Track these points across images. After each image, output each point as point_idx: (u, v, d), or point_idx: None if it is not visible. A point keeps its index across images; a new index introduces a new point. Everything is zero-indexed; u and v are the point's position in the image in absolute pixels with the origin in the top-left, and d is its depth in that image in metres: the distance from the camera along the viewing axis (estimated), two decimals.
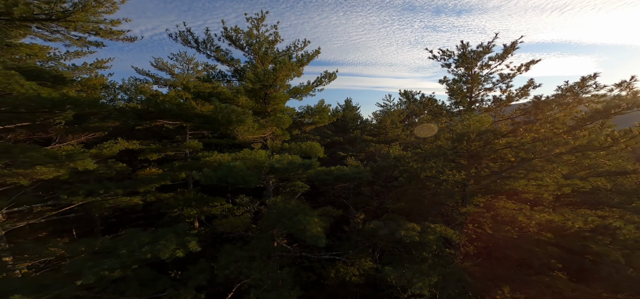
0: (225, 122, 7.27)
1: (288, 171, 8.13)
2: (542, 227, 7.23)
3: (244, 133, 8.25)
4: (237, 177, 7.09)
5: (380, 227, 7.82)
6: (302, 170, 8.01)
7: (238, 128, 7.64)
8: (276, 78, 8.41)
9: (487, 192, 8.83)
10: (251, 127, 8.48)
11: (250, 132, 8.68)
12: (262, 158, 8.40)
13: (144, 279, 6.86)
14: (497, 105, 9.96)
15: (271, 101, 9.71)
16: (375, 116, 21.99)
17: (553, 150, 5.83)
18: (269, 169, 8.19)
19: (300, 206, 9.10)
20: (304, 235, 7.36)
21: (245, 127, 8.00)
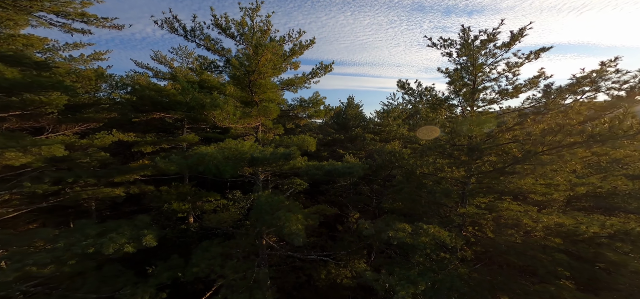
0: (196, 105, 6.60)
1: (269, 162, 7.37)
2: (550, 232, 6.19)
3: (223, 120, 7.56)
4: (209, 166, 6.40)
5: (366, 227, 6.95)
6: (283, 160, 7.24)
7: (214, 113, 6.96)
8: (259, 62, 7.68)
9: (490, 192, 7.80)
10: (232, 114, 7.78)
11: (232, 119, 7.99)
12: (244, 149, 7.69)
13: (107, 276, 6.25)
14: (503, 96, 8.90)
15: (257, 89, 9.00)
16: (378, 114, 21.01)
17: (565, 139, 4.82)
18: (250, 160, 7.46)
19: (284, 201, 8.33)
20: (281, 232, 6.59)
21: (224, 114, 7.31)
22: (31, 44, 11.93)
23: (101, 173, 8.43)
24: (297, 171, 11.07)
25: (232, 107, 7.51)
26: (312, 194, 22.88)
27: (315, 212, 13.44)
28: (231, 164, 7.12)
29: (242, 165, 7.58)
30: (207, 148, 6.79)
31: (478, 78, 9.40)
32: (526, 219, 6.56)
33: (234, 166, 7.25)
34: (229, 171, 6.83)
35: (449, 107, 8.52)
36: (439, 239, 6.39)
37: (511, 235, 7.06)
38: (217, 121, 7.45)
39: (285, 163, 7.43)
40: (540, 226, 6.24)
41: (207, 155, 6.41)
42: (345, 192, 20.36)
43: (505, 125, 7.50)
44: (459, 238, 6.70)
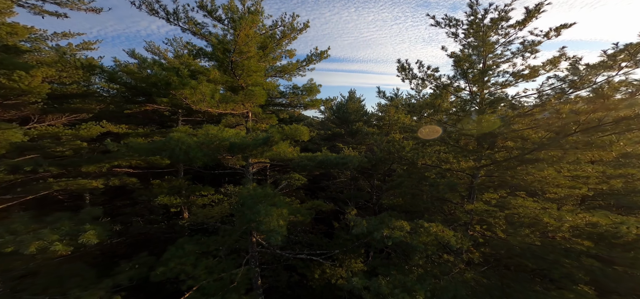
0: (163, 85, 5.62)
1: (250, 148, 6.35)
2: (579, 232, 5.00)
3: (198, 103, 6.57)
4: (176, 152, 5.42)
5: (357, 223, 5.86)
6: (264, 145, 6.20)
7: (184, 93, 5.96)
8: (238, 37, 6.64)
9: (502, 186, 6.59)
10: (209, 97, 6.76)
11: (210, 103, 6.98)
12: (223, 135, 6.69)
13: (63, 275, 5.35)
14: (517, 78, 7.65)
15: (240, 72, 7.96)
16: (380, 108, 19.80)
17: (609, 115, 3.65)
18: (229, 146, 6.44)
19: (270, 195, 7.30)
20: (258, 229, 5.57)
21: (198, 95, 6.32)
22: (15, 32, 11.21)
23: (67, 162, 7.57)
24: (289, 163, 10.03)
25: (207, 88, 6.50)
26: (313, 190, 21.86)
27: (310, 208, 12.40)
28: (205, 151, 6.11)
29: (220, 153, 6.57)
30: (177, 133, 5.82)
31: (488, 60, 8.19)
32: (547, 217, 5.36)
33: (209, 154, 6.25)
34: (202, 159, 5.84)
35: (456, 89, 7.30)
36: (442, 239, 5.25)
37: (527, 236, 5.85)
38: (191, 104, 6.46)
39: (267, 149, 6.40)
40: (566, 226, 5.04)
41: (173, 139, 5.44)
42: (345, 188, 19.28)
43: (521, 108, 6.29)
44: (466, 238, 5.54)
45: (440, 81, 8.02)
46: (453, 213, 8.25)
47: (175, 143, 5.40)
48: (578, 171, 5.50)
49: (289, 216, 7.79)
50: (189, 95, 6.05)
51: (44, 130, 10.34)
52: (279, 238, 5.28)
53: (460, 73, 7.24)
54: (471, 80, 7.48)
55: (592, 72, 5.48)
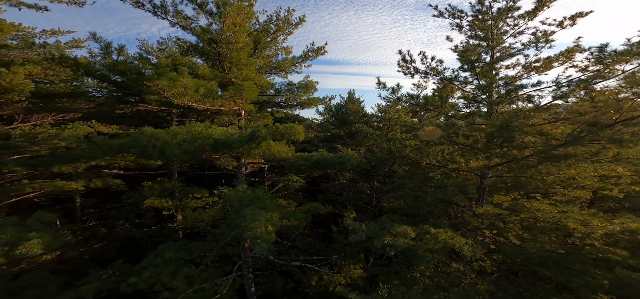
0: (134, 74, 4.90)
1: (236, 145, 5.59)
2: (614, 240, 4.22)
3: (179, 97, 5.84)
4: (149, 149, 4.67)
5: (355, 230, 5.07)
6: (251, 142, 5.44)
7: (162, 85, 5.23)
8: (224, 25, 5.93)
9: (515, 187, 5.79)
10: (192, 90, 6.02)
11: (194, 97, 6.23)
12: (207, 132, 5.95)
13: (22, 286, 4.58)
14: (529, 71, 6.90)
15: (229, 64, 7.24)
16: (380, 108, 19.05)
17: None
18: (213, 144, 5.69)
19: (258, 197, 6.52)
20: (243, 236, 4.81)
21: (178, 88, 5.58)
22: (1, 29, 10.57)
23: (37, 162, 6.81)
24: (283, 163, 9.26)
25: (190, 81, 5.76)
26: (311, 192, 21.07)
27: (307, 211, 11.59)
28: (185, 149, 5.36)
29: (203, 151, 5.81)
30: (150, 128, 5.08)
31: (497, 52, 7.45)
32: (571, 222, 4.56)
33: (190, 152, 5.49)
34: (180, 158, 5.09)
35: (463, 82, 6.54)
36: (452, 247, 4.46)
37: (547, 243, 5.05)
38: (171, 97, 5.72)
39: (255, 146, 5.65)
40: (598, 233, 4.26)
41: (145, 135, 4.70)
42: (344, 190, 18.49)
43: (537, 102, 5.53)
44: (477, 245, 4.74)
45: (444, 75, 7.27)
46: (459, 217, 7.44)
47: (147, 139, 4.65)
48: (605, 170, 4.73)
49: (280, 220, 7.01)
50: (167, 86, 5.31)
51: (28, 130, 9.64)
52: (265, 247, 4.51)
53: (467, 65, 6.48)
54: (479, 73, 6.72)
55: (620, 59, 4.73)
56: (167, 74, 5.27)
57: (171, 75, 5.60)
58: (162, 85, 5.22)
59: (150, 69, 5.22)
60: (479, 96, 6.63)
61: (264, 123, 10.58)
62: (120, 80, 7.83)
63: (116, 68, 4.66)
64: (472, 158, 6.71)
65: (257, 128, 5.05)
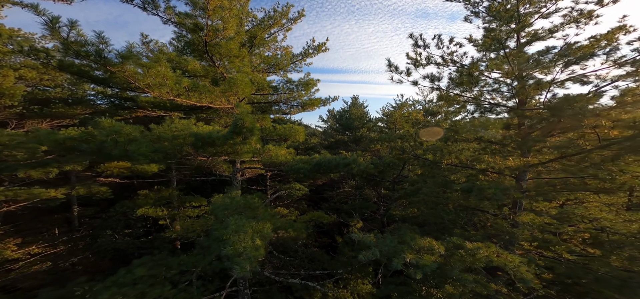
0: (93, 58, 3.90)
1: (217, 141, 4.46)
2: None
3: (155, 88, 4.80)
4: (107, 146, 3.59)
5: (365, 243, 3.80)
6: (233, 136, 4.30)
7: (130, 73, 4.19)
8: (208, 6, 4.93)
9: (565, 188, 4.45)
10: (171, 81, 4.97)
11: (174, 89, 5.18)
12: (188, 128, 4.87)
13: None
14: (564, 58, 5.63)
15: (218, 55, 6.22)
16: (384, 113, 17.88)
17: None
18: (193, 141, 4.58)
19: (249, 204, 5.34)
20: (220, 251, 3.62)
21: (155, 78, 4.54)
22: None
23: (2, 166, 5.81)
24: (281, 167, 8.08)
25: (169, 70, 4.72)
26: (315, 201, 19.76)
27: (309, 220, 10.30)
28: (157, 147, 4.25)
29: (181, 150, 4.70)
30: (109, 121, 4.01)
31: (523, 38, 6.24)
32: None
33: (164, 151, 4.38)
34: (150, 157, 3.99)
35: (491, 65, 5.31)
36: (500, 267, 3.16)
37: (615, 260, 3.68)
38: (145, 88, 4.68)
39: (240, 141, 4.50)
40: None
41: (103, 129, 3.64)
42: (350, 198, 17.17)
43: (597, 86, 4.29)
44: (532, 264, 3.40)
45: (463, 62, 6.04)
46: (488, 225, 6.06)
47: (105, 134, 3.58)
48: None
49: (275, 231, 5.78)
50: (138, 76, 4.27)
51: None
52: (247, 267, 3.30)
53: (495, 45, 5.26)
54: (508, 54, 5.48)
55: None
56: (134, 59, 4.24)
57: (144, 63, 4.56)
58: (130, 72, 4.18)
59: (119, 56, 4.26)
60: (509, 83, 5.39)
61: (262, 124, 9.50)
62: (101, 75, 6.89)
63: (68, 49, 3.65)
64: (501, 160, 5.41)
65: (239, 116, 3.92)
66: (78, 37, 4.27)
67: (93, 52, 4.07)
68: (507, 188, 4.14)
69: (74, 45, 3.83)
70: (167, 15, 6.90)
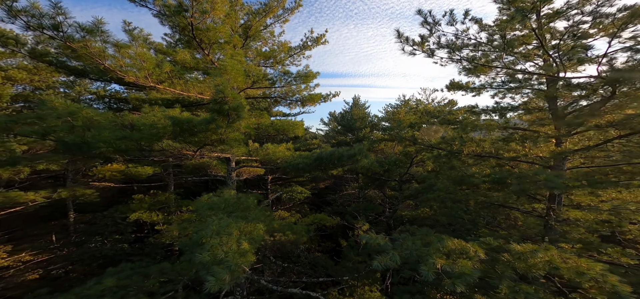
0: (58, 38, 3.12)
1: (198, 127, 3.64)
2: None
3: (131, 72, 4.03)
4: (64, 135, 2.78)
5: (381, 247, 2.90)
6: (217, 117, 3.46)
7: (97, 52, 3.42)
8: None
9: (622, 176, 3.51)
10: (151, 64, 4.20)
11: (156, 74, 4.40)
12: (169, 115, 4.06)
13: None
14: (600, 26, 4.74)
15: (205, 39, 5.45)
16: (387, 113, 17.05)
17: None
18: (171, 127, 3.74)
19: (240, 203, 4.48)
20: (193, 257, 2.76)
21: (123, 59, 3.77)
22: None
23: None
24: (279, 164, 7.22)
25: (147, 53, 3.95)
26: (318, 205, 18.80)
27: (311, 223, 9.36)
28: (126, 134, 3.43)
29: (158, 139, 3.87)
30: (61, 100, 3.21)
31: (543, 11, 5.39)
32: None
33: (135, 139, 3.55)
34: (114, 145, 3.18)
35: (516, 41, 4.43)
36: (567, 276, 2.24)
37: None
38: (118, 71, 3.90)
39: (227, 125, 3.65)
40: None
41: (54, 109, 2.84)
42: (353, 201, 16.22)
43: None
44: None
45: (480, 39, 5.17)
46: (514, 223, 5.11)
47: (55, 116, 2.77)
48: None
49: (268, 235, 4.89)
50: (108, 57, 3.49)
51: None
52: (227, 278, 2.42)
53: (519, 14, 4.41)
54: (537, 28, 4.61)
55: None
56: (102, 35, 3.45)
57: (116, 41, 3.77)
58: (97, 50, 3.39)
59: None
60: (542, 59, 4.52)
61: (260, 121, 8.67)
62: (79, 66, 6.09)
63: (16, 18, 2.89)
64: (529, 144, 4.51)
65: (218, 88, 3.08)
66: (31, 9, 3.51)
67: (49, 26, 3.30)
68: (560, 175, 3.23)
69: (22, 13, 3.06)
70: (155, 8, 6.14)
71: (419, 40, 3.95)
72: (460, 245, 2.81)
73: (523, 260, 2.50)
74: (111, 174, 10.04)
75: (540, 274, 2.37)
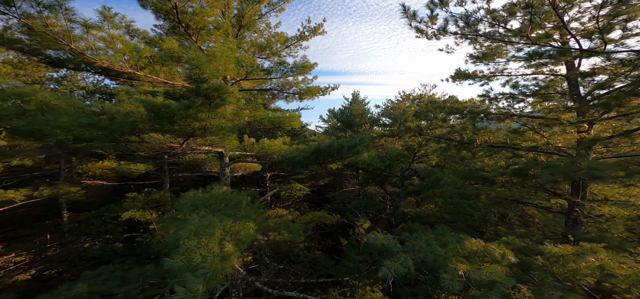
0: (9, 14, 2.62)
1: (178, 113, 3.14)
2: None
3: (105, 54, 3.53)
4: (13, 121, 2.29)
5: (389, 248, 2.42)
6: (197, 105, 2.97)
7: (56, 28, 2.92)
8: None
9: None
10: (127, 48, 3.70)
11: (132, 58, 3.90)
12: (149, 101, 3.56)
13: None
14: None
15: (195, 27, 4.95)
16: (387, 108, 16.56)
17: None
18: (147, 112, 3.25)
19: (229, 199, 3.99)
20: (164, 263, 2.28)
21: (93, 40, 3.26)
22: None
23: None
24: (274, 158, 6.73)
25: (122, 36, 3.46)
26: (317, 202, 18.32)
27: (310, 220, 8.89)
28: (96, 121, 2.94)
29: (136, 128, 3.38)
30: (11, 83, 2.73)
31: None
32: None
33: (109, 129, 3.06)
34: (73, 132, 2.69)
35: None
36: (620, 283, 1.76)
37: None
38: (91, 55, 3.41)
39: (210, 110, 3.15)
40: None
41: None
42: (353, 198, 15.76)
43: None
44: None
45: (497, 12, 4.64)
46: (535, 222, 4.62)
47: (3, 96, 2.27)
48: None
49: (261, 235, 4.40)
50: (75, 38, 2.98)
51: None
52: (200, 289, 1.94)
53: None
54: None
55: None
56: (66, 13, 2.93)
57: (84, 21, 3.26)
58: (58, 29, 2.88)
59: None
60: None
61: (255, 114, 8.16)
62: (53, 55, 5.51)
63: None
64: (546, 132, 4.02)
65: (193, 62, 2.56)
66: None
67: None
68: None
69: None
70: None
71: (428, 13, 3.42)
72: (481, 246, 2.32)
73: (561, 264, 2.01)
74: (102, 171, 9.52)
75: (587, 282, 1.89)
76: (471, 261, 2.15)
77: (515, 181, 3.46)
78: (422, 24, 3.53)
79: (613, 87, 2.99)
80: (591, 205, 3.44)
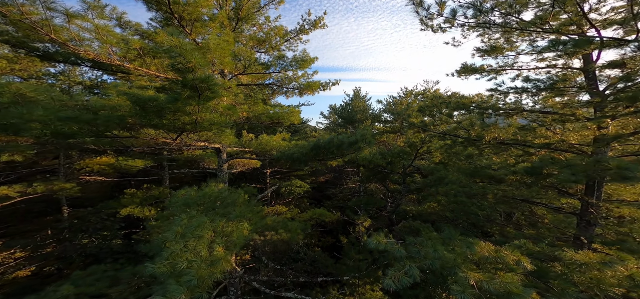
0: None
1: (167, 107, 2.93)
2: None
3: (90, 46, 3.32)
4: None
5: (392, 254, 2.21)
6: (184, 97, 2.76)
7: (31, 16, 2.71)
8: None
9: None
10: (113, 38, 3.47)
11: (121, 49, 3.68)
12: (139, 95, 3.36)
13: None
14: None
15: (188, 18, 4.71)
16: (389, 104, 16.27)
17: None
18: (132, 106, 3.04)
19: (223, 197, 3.80)
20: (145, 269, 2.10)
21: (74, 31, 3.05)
22: None
23: None
24: (272, 154, 6.52)
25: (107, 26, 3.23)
26: (318, 199, 18.16)
27: (309, 218, 8.70)
28: (79, 115, 2.73)
29: (123, 123, 3.18)
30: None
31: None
32: None
33: (94, 123, 2.86)
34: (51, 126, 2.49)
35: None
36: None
37: None
38: (74, 46, 3.20)
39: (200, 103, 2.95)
40: None
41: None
42: (354, 195, 15.58)
43: None
44: None
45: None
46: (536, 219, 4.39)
47: None
48: None
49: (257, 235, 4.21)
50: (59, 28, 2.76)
51: None
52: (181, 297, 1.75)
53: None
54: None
55: None
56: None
57: (65, 9, 3.04)
58: (33, 17, 2.66)
59: None
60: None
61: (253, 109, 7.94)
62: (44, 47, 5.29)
63: None
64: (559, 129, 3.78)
65: (175, 51, 2.33)
66: None
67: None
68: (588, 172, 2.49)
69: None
70: None
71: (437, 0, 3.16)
72: (493, 251, 2.10)
73: (583, 272, 1.80)
74: (100, 167, 9.38)
75: (614, 293, 1.67)
76: (482, 269, 1.94)
77: (527, 180, 3.23)
78: (432, 9, 3.27)
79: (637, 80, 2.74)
80: (607, 206, 3.21)
